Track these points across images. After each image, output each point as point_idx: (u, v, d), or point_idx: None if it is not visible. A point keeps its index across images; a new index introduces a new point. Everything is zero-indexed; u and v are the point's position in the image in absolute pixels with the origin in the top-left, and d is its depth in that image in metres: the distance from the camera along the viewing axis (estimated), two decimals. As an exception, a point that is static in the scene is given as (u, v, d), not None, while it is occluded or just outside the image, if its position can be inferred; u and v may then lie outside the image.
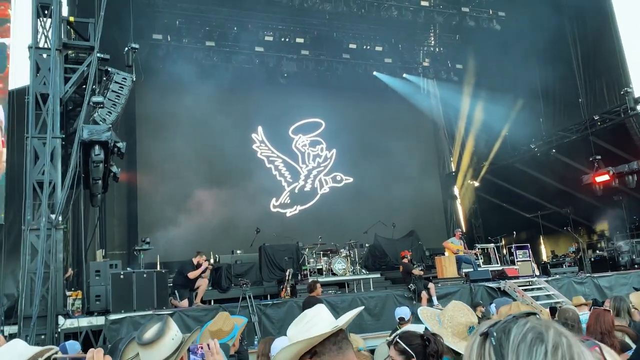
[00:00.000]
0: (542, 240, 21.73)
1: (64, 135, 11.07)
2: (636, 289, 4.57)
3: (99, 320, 9.79)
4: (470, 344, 1.10)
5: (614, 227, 17.90)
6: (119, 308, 9.88)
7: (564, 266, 17.31)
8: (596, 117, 17.97)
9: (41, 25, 11.30)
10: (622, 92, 16.87)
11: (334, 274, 13.89)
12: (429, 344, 2.55)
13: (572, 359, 0.97)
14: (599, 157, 17.28)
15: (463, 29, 21.19)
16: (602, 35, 17.79)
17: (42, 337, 9.22)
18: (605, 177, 16.98)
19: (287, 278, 13.21)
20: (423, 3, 19.43)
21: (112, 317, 9.65)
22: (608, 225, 18.42)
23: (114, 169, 12.07)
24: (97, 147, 10.84)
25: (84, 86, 11.41)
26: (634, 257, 16.16)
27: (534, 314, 1.12)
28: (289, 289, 12.99)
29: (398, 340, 2.61)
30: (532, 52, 19.84)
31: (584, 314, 4.52)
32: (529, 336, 1.00)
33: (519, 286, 12.64)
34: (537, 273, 15.74)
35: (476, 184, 23.97)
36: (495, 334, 1.04)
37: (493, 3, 19.87)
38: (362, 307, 2.56)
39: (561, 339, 1.00)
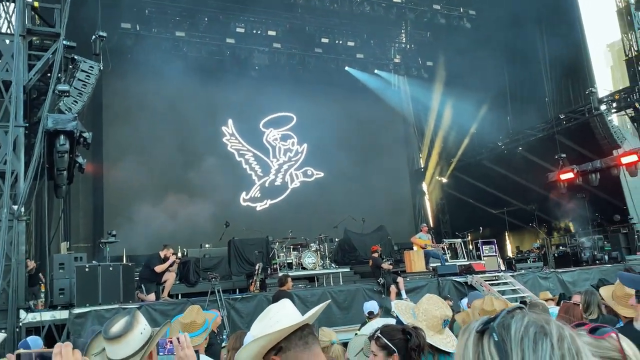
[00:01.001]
0: (507, 236, 22.16)
1: (27, 124, 10.77)
2: (603, 282, 4.69)
3: (62, 314, 9.56)
4: (464, 342, 1.07)
5: (577, 224, 18.36)
6: (83, 302, 9.66)
7: (529, 261, 17.66)
8: (562, 116, 18.39)
9: (4, 10, 10.96)
10: (586, 92, 17.31)
11: (303, 268, 13.88)
12: (410, 338, 2.54)
13: (577, 350, 0.96)
14: (564, 155, 17.69)
15: (434, 26, 21.38)
16: (569, 36, 18.17)
17: (3, 331, 8.94)
18: (570, 175, 17.40)
19: (256, 272, 13.11)
20: (395, -1, 19.52)
21: (77, 310, 9.43)
22: (571, 221, 18.88)
23: (80, 159, 11.78)
24: (62, 136, 10.58)
25: (49, 74, 11.10)
26: (596, 253, 16.61)
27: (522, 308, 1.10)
28: (258, 283, 12.90)
29: (379, 335, 2.58)
30: (501, 51, 20.17)
31: (552, 308, 4.60)
32: (531, 330, 0.98)
33: (486, 281, 12.84)
34: (503, 268, 16.04)
35: (444, 180, 24.28)
36: (496, 329, 1.01)
37: (464, 1, 20.10)
38: (329, 301, 2.53)
39: (564, 331, 0.98)
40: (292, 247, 14.46)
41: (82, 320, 9.36)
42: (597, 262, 16.15)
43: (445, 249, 16.17)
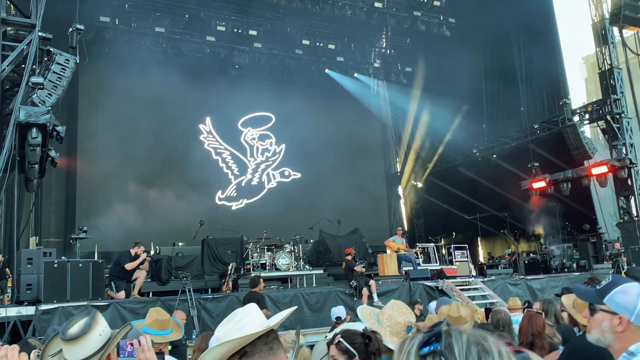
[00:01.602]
0: (480, 242, 22.45)
1: (-1, 116, 10.55)
2: (568, 290, 4.80)
3: (28, 310, 9.38)
4: None
5: (547, 232, 18.71)
6: (51, 298, 9.50)
7: (500, 268, 17.95)
8: (536, 126, 18.71)
9: (-22, -2, 10.72)
10: (560, 103, 17.64)
11: (277, 269, 13.87)
12: (369, 342, 2.58)
13: None
14: (536, 164, 18.01)
15: (414, 32, 21.60)
16: (545, 47, 18.52)
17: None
18: (542, 184, 17.72)
19: (229, 272, 13.08)
20: (377, 4, 19.64)
21: (43, 307, 9.26)
22: (542, 229, 19.22)
23: (52, 153, 11.60)
24: (34, 129, 10.41)
25: (23, 65, 10.91)
26: (565, 261, 16.96)
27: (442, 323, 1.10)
28: (230, 283, 12.87)
29: (340, 339, 2.61)
30: (479, 60, 20.47)
31: (515, 316, 4.69)
32: (473, 349, 1.01)
33: (456, 286, 13.01)
34: (474, 273, 16.25)
35: (420, 184, 24.51)
36: (444, 352, 1.02)
37: (444, 9, 20.33)
38: (295, 307, 2.55)
39: (501, 348, 1.02)
40: (266, 247, 14.43)
41: (49, 317, 9.20)
42: (566, 270, 16.49)
43: (418, 253, 16.31)
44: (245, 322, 2.04)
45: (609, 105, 17.20)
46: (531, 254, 19.07)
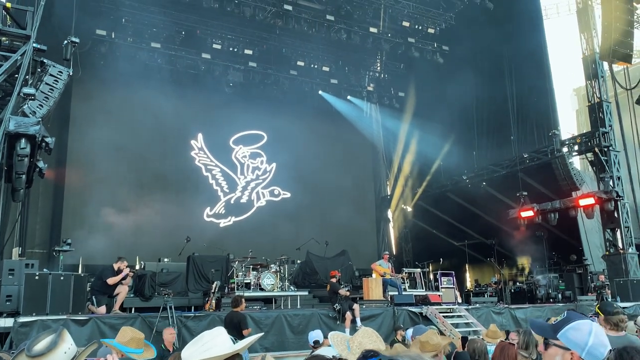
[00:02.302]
0: (467, 269, 22.45)
1: (-12, 125, 10.51)
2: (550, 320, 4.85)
3: (7, 322, 9.24)
4: None
5: (534, 261, 18.75)
6: (30, 310, 9.37)
7: (486, 295, 17.93)
8: (525, 155, 18.89)
9: (-26, 8, 10.76)
10: (550, 134, 17.84)
11: (261, 289, 13.77)
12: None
13: None
14: (525, 193, 18.14)
15: (408, 58, 21.87)
16: (536, 78, 18.78)
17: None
18: (530, 213, 17.82)
19: (213, 290, 12.97)
20: (372, 29, 19.89)
21: (22, 319, 9.13)
22: (529, 258, 19.27)
23: (40, 164, 11.53)
24: (23, 140, 10.37)
25: (16, 75, 10.91)
26: (550, 291, 16.97)
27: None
28: (214, 302, 12.76)
29: None
30: (470, 88, 20.70)
31: (491, 346, 4.69)
32: None
33: (440, 313, 12.96)
34: (459, 301, 16.23)
35: (409, 209, 24.57)
36: None
37: (438, 37, 20.60)
38: (261, 334, 2.56)
39: None
40: (251, 266, 14.33)
41: (27, 330, 9.06)
42: (551, 300, 16.51)
43: (405, 278, 16.29)
44: (212, 345, 2.05)
45: (597, 138, 17.42)
46: (517, 283, 19.09)
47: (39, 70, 11.39)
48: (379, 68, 24.75)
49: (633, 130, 18.11)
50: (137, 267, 15.43)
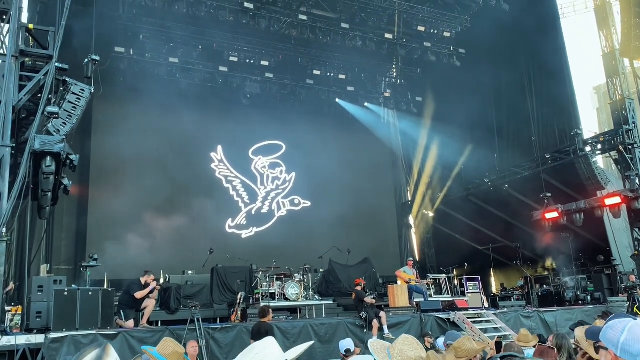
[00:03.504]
0: (492, 273, 22.17)
1: (14, 144, 10.72)
2: (582, 323, 4.74)
3: (38, 339, 9.35)
4: None
5: (560, 263, 18.44)
6: (60, 326, 9.46)
7: (512, 299, 17.67)
8: (547, 156, 18.62)
9: (-2, 30, 11.00)
10: (572, 134, 17.59)
11: (286, 299, 13.74)
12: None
13: None
14: (549, 194, 17.87)
15: (424, 63, 21.78)
16: (556, 78, 18.54)
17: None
18: (554, 215, 17.55)
19: (238, 302, 12.98)
20: (387, 35, 19.86)
21: (53, 335, 9.22)
22: (555, 261, 18.96)
23: (65, 181, 11.70)
24: (48, 158, 10.54)
25: (40, 95, 11.10)
26: (579, 293, 16.66)
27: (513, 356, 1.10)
28: (239, 313, 12.77)
29: None
30: (490, 90, 20.54)
31: (527, 350, 4.60)
32: None
33: (468, 318, 12.80)
34: (486, 305, 16.02)
35: (431, 214, 24.38)
36: None
37: (454, 40, 20.49)
38: (312, 342, 2.54)
39: None
40: (275, 276, 14.32)
41: (58, 346, 9.16)
42: (580, 302, 16.20)
43: (430, 284, 16.14)
44: (263, 356, 2.02)
45: (621, 136, 17.13)
46: (544, 286, 18.77)
47: (61, 89, 11.57)
48: (395, 74, 24.69)
49: (657, 127, 17.82)
50: (162, 280, 15.53)
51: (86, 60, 11.90)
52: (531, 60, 19.54)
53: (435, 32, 19.96)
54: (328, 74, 22.04)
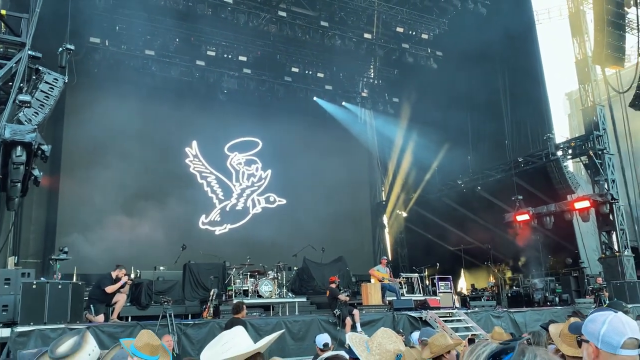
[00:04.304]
0: (463, 273, 22.46)
1: (-17, 133, 10.40)
2: (543, 327, 4.86)
3: (3, 332, 9.11)
4: None
5: (530, 265, 18.77)
6: (27, 320, 9.24)
7: (483, 299, 17.94)
8: (520, 159, 18.95)
9: (-31, 15, 10.69)
10: (544, 138, 17.93)
11: (259, 296, 13.68)
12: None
13: None
14: (520, 197, 18.18)
15: (402, 64, 21.92)
16: (530, 83, 18.86)
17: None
18: (525, 217, 17.86)
19: (210, 298, 12.87)
20: (366, 35, 19.94)
21: (19, 329, 9.00)
22: (525, 262, 19.30)
23: (36, 172, 11.42)
24: (19, 148, 10.28)
25: (11, 83, 10.83)
26: (547, 295, 16.99)
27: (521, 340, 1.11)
28: (211, 309, 12.65)
29: None
30: (465, 93, 20.79)
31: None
32: None
33: (440, 317, 12.93)
34: (457, 305, 16.22)
35: (404, 214, 24.57)
36: None
37: (432, 42, 20.68)
38: (283, 331, 2.52)
39: None
40: (249, 273, 14.24)
41: (25, 340, 8.94)
42: (549, 303, 16.53)
43: (402, 283, 16.26)
44: (232, 344, 2.01)
45: (591, 141, 17.52)
46: (514, 287, 19.10)
47: (34, 77, 11.31)
48: (373, 74, 24.82)
49: (626, 133, 18.28)
50: (133, 275, 15.31)
51: (60, 49, 11.65)
52: (506, 65, 19.84)
53: (414, 33, 20.11)
54: (306, 72, 22.03)
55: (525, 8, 19.32)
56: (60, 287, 9.82)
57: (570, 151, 18.33)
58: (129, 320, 12.37)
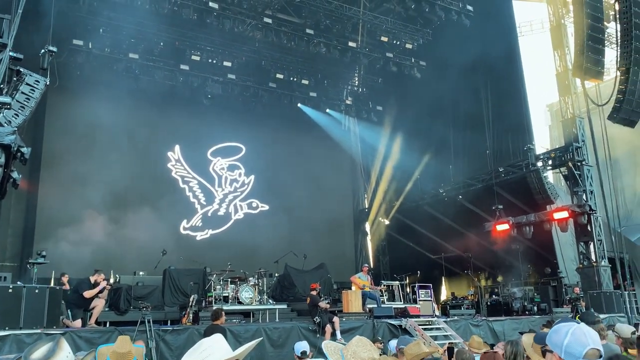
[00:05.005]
0: (444, 281, 22.57)
1: (-39, 134, 10.24)
2: (521, 333, 4.90)
3: (-23, 337, 8.96)
4: None
5: (509, 274, 18.96)
6: (3, 325, 9.08)
7: (462, 308, 18.04)
8: (501, 169, 19.17)
9: (-51, 14, 10.55)
10: (525, 149, 18.15)
11: (240, 303, 13.62)
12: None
13: None
14: (500, 206, 18.36)
15: (386, 73, 22.10)
16: (511, 94, 19.12)
17: None
18: (505, 227, 18.04)
19: (190, 304, 12.79)
20: (351, 44, 20.08)
21: (-6, 334, 8.87)
22: (504, 271, 19.48)
23: (15, 174, 11.25)
24: (-2, 149, 10.13)
25: (-9, 84, 10.69)
26: (526, 304, 17.15)
27: None
28: (191, 315, 12.57)
29: None
30: (447, 102, 21.01)
31: (478, 357, 4.71)
32: None
33: (420, 325, 12.99)
34: (437, 313, 16.29)
35: (386, 222, 24.67)
36: None
37: (416, 52, 20.89)
38: (261, 339, 2.54)
39: None
40: (229, 280, 14.18)
41: (0, 345, 8.81)
42: (527, 312, 16.68)
43: (383, 290, 16.30)
44: (211, 351, 2.02)
45: (571, 153, 17.79)
46: (493, 295, 19.25)
47: (14, 79, 11.17)
48: (357, 82, 24.97)
49: (604, 146, 18.57)
50: (112, 280, 15.16)
51: (42, 51, 11.54)
52: (489, 76, 20.09)
53: (398, 43, 20.29)
54: (291, 79, 22.09)
55: (508, 20, 19.61)
56: (37, 291, 9.67)
57: (550, 162, 18.58)
58: (107, 325, 12.25)
